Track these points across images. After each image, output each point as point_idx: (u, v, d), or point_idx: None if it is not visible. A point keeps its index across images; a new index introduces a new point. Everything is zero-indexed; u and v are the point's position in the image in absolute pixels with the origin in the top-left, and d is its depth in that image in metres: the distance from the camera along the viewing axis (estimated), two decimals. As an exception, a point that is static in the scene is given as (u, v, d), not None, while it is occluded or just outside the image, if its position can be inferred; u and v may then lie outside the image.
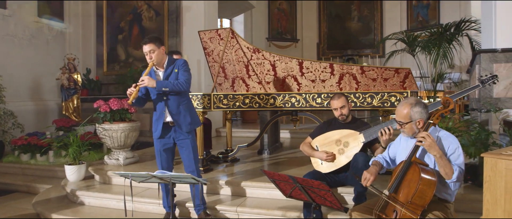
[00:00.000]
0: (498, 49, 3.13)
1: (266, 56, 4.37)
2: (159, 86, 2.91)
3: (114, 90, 7.42)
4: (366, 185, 2.36)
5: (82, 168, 4.35)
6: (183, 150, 3.13)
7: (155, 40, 2.99)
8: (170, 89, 2.95)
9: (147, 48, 2.97)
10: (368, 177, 2.36)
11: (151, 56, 2.98)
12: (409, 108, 2.28)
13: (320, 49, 14.07)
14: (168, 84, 2.94)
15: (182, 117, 3.06)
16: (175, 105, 3.05)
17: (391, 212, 2.23)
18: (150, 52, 2.97)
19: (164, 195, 3.25)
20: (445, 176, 2.15)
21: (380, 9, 13.37)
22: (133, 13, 7.52)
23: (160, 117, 3.09)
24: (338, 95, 3.16)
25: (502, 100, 3.17)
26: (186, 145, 3.11)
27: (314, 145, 3.24)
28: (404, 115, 2.30)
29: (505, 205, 1.81)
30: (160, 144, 3.16)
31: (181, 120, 3.06)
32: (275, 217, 3.23)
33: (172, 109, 3.04)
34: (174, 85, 2.95)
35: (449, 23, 7.17)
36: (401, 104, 2.34)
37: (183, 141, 3.11)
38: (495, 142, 3.18)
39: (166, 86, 2.92)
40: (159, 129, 3.09)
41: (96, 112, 4.43)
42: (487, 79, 2.75)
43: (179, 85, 2.95)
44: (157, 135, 3.12)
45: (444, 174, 2.15)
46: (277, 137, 5.78)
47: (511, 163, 1.79)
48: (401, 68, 3.88)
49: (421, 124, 2.28)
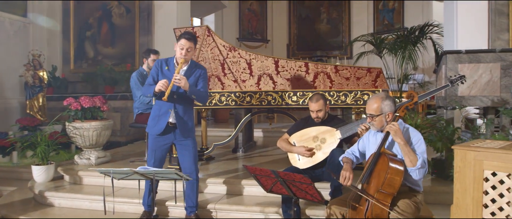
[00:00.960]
0: (462, 50, 3.34)
1: (242, 54, 4.40)
2: (191, 92, 2.86)
3: (82, 88, 7.16)
4: (347, 184, 2.43)
5: (50, 168, 4.18)
6: (184, 152, 3.06)
7: (195, 40, 2.96)
8: (196, 98, 2.95)
9: (187, 45, 2.87)
10: (348, 175, 2.42)
11: (187, 53, 2.89)
12: (380, 102, 2.43)
13: (290, 50, 14.26)
14: (197, 92, 2.91)
15: (185, 120, 3.02)
16: (183, 109, 3.00)
17: (364, 202, 2.34)
18: (188, 49, 2.88)
19: (146, 193, 3.17)
20: (410, 164, 2.28)
21: (348, 12, 13.75)
22: (103, 9, 7.30)
23: (164, 114, 2.99)
24: (317, 98, 3.21)
25: (466, 98, 3.39)
26: (187, 147, 3.05)
27: (291, 141, 3.31)
28: (375, 108, 2.43)
29: (473, 193, 1.95)
30: (158, 143, 3.06)
31: (183, 124, 3.01)
32: (254, 213, 3.26)
33: (178, 110, 2.99)
34: (201, 96, 2.95)
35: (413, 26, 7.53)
36: (372, 99, 2.49)
37: (184, 142, 3.05)
38: (459, 137, 3.39)
39: (195, 94, 2.90)
40: (162, 126, 2.98)
41: (66, 110, 4.27)
42: (456, 79, 2.94)
43: (203, 98, 2.97)
44: (157, 131, 3.01)
45: (409, 161, 2.28)
46: (251, 136, 5.82)
47: (479, 154, 1.93)
48: (373, 68, 4.04)
49: (390, 117, 2.44)
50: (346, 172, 2.44)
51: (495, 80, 3.30)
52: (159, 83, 2.80)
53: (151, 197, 2.87)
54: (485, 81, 3.32)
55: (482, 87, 3.32)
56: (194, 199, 3.09)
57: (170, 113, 2.98)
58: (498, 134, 3.24)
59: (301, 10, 14.27)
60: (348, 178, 2.41)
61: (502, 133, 3.25)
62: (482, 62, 3.32)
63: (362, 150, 2.66)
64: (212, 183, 3.67)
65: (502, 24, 5.39)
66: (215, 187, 3.66)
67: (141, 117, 4.34)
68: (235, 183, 3.62)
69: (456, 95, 3.37)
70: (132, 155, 5.12)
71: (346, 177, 2.41)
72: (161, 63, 3.03)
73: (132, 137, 6.51)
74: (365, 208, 2.30)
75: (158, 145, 3.07)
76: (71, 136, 4.29)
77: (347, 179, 2.41)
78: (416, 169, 2.27)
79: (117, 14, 7.22)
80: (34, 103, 6.25)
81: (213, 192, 3.66)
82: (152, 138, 3.09)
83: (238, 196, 3.57)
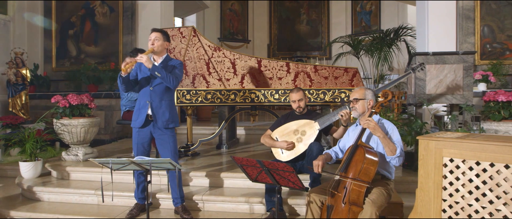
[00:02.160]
0: (429, 52, 3.66)
1: (227, 54, 4.60)
2: (153, 69, 2.97)
3: (65, 87, 7.17)
4: (318, 171, 2.70)
5: (38, 164, 4.26)
6: (161, 146, 3.19)
7: (163, 32, 3.18)
8: (162, 77, 3.01)
9: (153, 36, 3.13)
10: (317, 163, 2.70)
11: (154, 42, 3.10)
12: (364, 90, 2.78)
13: (270, 50, 14.50)
14: (162, 71, 3.00)
15: (161, 112, 3.14)
16: (158, 100, 3.14)
17: (342, 189, 2.59)
18: (155, 39, 3.11)
19: (136, 187, 3.32)
20: (390, 153, 2.55)
21: (327, 13, 14.12)
22: (86, 8, 7.32)
23: (143, 107, 3.15)
24: (297, 90, 3.50)
25: (433, 96, 3.71)
26: (165, 141, 3.17)
27: (274, 136, 3.54)
28: (360, 93, 2.76)
29: (434, 177, 2.22)
30: (139, 136, 3.21)
31: (160, 114, 3.13)
32: (239, 204, 3.47)
33: (154, 102, 3.13)
34: (167, 76, 3.02)
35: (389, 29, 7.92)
36: (357, 88, 2.85)
37: (161, 137, 3.17)
38: (427, 131, 3.71)
39: (159, 72, 2.98)
40: (141, 119, 3.14)
41: (54, 107, 4.36)
42: (417, 66, 3.35)
43: (171, 79, 3.03)
44: (138, 124, 3.17)
45: (389, 151, 2.55)
46: (234, 133, 6.02)
47: (439, 143, 2.21)
48: (349, 68, 4.32)
49: (371, 104, 2.74)
50: (317, 161, 2.72)
51: (459, 80, 3.63)
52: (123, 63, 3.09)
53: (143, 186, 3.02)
54: (449, 80, 3.65)
55: (447, 86, 3.65)
56: (177, 191, 3.24)
57: (148, 105, 3.13)
58: (461, 128, 3.58)
59: (282, 11, 14.53)
60: (319, 166, 2.68)
61: (465, 128, 3.58)
62: (447, 63, 3.65)
63: (342, 146, 2.93)
64: (198, 176, 3.84)
65: (468, 28, 5.81)
66: (200, 180, 3.84)
67: (129, 114, 4.47)
68: (220, 176, 3.81)
69: (424, 93, 3.69)
70: (117, 151, 5.23)
71: (317, 165, 2.69)
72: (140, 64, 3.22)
73: (116, 135, 6.59)
74: (343, 194, 2.54)
75: (140, 138, 3.22)
76: (59, 133, 4.38)
77: (318, 166, 2.68)
78: (396, 157, 2.54)
79: (101, 13, 7.26)
80: (16, 102, 6.24)
81: (199, 185, 3.83)
82: (135, 131, 3.24)
83: (223, 188, 3.76)
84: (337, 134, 3.36)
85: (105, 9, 7.24)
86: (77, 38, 7.39)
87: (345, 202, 2.53)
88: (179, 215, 3.24)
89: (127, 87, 3.18)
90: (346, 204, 2.51)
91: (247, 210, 3.45)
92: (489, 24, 5.83)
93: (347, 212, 2.49)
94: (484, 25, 5.84)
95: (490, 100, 3.67)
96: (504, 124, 3.51)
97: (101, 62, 7.10)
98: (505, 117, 3.57)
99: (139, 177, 3.28)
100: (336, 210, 2.56)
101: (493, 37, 5.85)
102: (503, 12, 5.81)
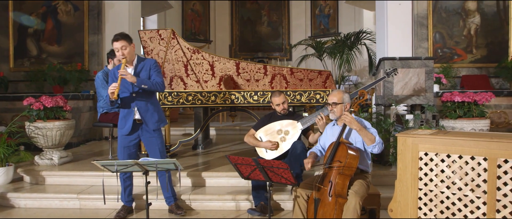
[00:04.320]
0: (396, 57, 4.04)
1: (206, 56, 4.71)
2: (139, 83, 2.97)
3: (26, 88, 6.82)
4: (308, 168, 2.95)
5: (10, 170, 4.10)
6: (150, 148, 3.23)
7: (126, 37, 3.03)
8: (149, 88, 3.03)
9: (119, 45, 2.99)
10: (307, 161, 2.98)
11: (123, 52, 3.00)
12: (342, 94, 3.03)
13: (232, 51, 14.63)
14: (147, 82, 3.02)
15: (150, 114, 3.17)
16: (144, 103, 3.15)
17: (327, 183, 2.84)
18: (122, 48, 3.00)
19: (122, 190, 3.33)
20: (369, 142, 2.83)
21: (287, 16, 14.52)
22: (47, 6, 7.02)
23: (128, 114, 3.16)
24: (279, 93, 3.70)
25: (400, 97, 4.10)
26: (153, 143, 3.22)
27: (257, 136, 3.72)
28: (339, 97, 3.01)
29: (411, 169, 2.53)
30: (126, 140, 3.22)
31: (148, 117, 3.16)
32: (226, 201, 3.61)
33: (140, 107, 3.14)
34: (153, 84, 3.04)
35: (350, 33, 8.42)
36: (335, 91, 3.09)
37: (150, 139, 3.22)
38: (395, 129, 4.09)
39: (146, 84, 3.00)
40: (129, 125, 3.15)
41: (26, 110, 4.21)
42: (390, 71, 3.70)
43: (158, 86, 3.06)
44: (125, 132, 3.18)
45: (368, 140, 2.84)
46: (208, 133, 6.13)
47: (415, 139, 2.52)
48: (323, 71, 4.61)
49: (348, 107, 3.02)
50: (307, 159, 3.00)
51: (421, 82, 4.05)
52: (109, 88, 2.95)
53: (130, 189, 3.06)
54: (413, 83, 4.06)
55: (412, 88, 4.06)
56: (170, 190, 3.33)
57: (134, 111, 3.14)
58: (424, 126, 3.99)
59: (243, 12, 14.72)
60: (309, 163, 2.96)
61: (427, 125, 4.00)
62: (412, 67, 4.06)
63: (322, 144, 3.17)
64: (183, 177, 3.93)
65: (422, 34, 6.38)
66: (183, 180, 3.91)
67: (106, 116, 4.43)
68: (202, 176, 3.92)
69: (392, 94, 4.07)
70: (92, 154, 5.14)
71: (307, 162, 2.97)
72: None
73: (83, 137, 6.41)
74: (329, 187, 2.79)
75: (126, 141, 3.24)
76: (32, 136, 4.24)
77: (308, 164, 2.96)
78: (376, 144, 2.82)
79: (64, 11, 7.00)
80: (-27, 104, 5.86)
81: (183, 184, 3.92)
82: (121, 137, 3.24)
83: (207, 187, 3.88)
84: (312, 138, 3.62)
85: (69, 8, 6.99)
86: (38, 36, 7.06)
87: (331, 195, 2.78)
88: (173, 213, 3.32)
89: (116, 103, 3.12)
90: (333, 196, 2.77)
91: (234, 207, 3.60)
92: (440, 31, 6.45)
93: (334, 203, 2.74)
94: (436, 32, 6.44)
95: (447, 101, 4.13)
96: (459, 122, 3.98)
97: (65, 63, 6.85)
98: (460, 115, 4.05)
99: (125, 181, 3.30)
100: (323, 202, 2.81)
101: (444, 43, 6.47)
102: (451, 20, 6.45)
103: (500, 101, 5.64)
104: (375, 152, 2.91)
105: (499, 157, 2.16)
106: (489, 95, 4.10)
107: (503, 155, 2.15)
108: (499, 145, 2.17)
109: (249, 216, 3.37)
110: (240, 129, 7.30)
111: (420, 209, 2.48)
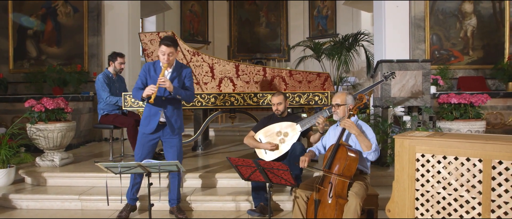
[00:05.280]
0: (394, 60, 4.10)
1: (205, 59, 4.75)
2: (175, 92, 3.06)
3: (25, 89, 6.85)
4: (304, 166, 3.00)
5: (11, 171, 4.14)
6: (170, 149, 3.30)
7: (175, 43, 3.09)
8: (182, 98, 3.15)
9: (168, 50, 3.04)
10: (303, 159, 3.03)
11: (169, 58, 3.06)
12: (345, 96, 3.09)
13: (230, 51, 14.67)
14: (181, 93, 3.12)
15: (174, 120, 3.26)
16: (171, 109, 3.24)
17: (328, 184, 2.89)
18: (169, 54, 3.05)
19: (130, 186, 3.37)
20: (366, 148, 2.89)
21: (285, 17, 14.57)
22: (46, 7, 7.04)
23: (154, 115, 3.22)
24: (278, 94, 3.76)
25: (397, 99, 4.16)
26: (174, 144, 3.30)
27: (257, 137, 3.77)
28: (342, 99, 3.07)
29: (409, 170, 2.58)
30: (147, 138, 3.28)
31: (173, 122, 3.26)
32: (226, 202, 3.66)
33: (168, 111, 3.22)
34: (187, 96, 3.16)
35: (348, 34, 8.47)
36: (339, 92, 3.14)
37: (171, 140, 3.29)
38: (392, 130, 4.15)
39: (180, 95, 3.11)
40: (153, 125, 3.22)
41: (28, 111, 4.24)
42: (388, 75, 3.75)
43: (190, 97, 3.19)
44: (149, 131, 3.24)
45: (365, 146, 2.89)
46: (207, 135, 6.17)
47: (412, 141, 2.57)
48: (322, 73, 4.67)
49: (351, 108, 3.04)
50: (303, 157, 3.05)
51: (418, 85, 4.11)
52: (147, 89, 3.03)
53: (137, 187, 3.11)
54: (411, 85, 4.12)
55: (409, 90, 4.12)
56: (177, 192, 3.38)
57: (160, 113, 3.23)
58: (421, 127, 4.05)
59: (241, 13, 14.76)
60: (305, 161, 3.00)
61: (424, 127, 4.06)
62: (409, 69, 4.12)
63: (324, 143, 3.23)
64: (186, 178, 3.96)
65: (420, 36, 6.45)
66: (188, 181, 3.96)
67: (107, 118, 4.47)
68: (207, 177, 3.97)
69: (389, 96, 4.13)
70: (91, 155, 5.17)
71: (303, 160, 3.01)
72: (149, 67, 3.24)
73: (83, 138, 6.44)
74: (329, 189, 2.84)
75: (146, 140, 3.30)
76: (33, 138, 4.27)
77: (303, 162, 3.00)
78: (372, 151, 2.87)
79: (63, 13, 7.03)
80: (-27, 105, 5.88)
81: (185, 185, 3.96)
82: (143, 135, 3.31)
83: (208, 188, 3.93)
84: (313, 138, 3.66)
85: (68, 9, 7.02)
86: (38, 38, 7.08)
87: (331, 196, 2.83)
88: (174, 215, 3.37)
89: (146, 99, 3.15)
90: (333, 197, 2.82)
91: (234, 207, 3.65)
92: (437, 33, 6.52)
93: (334, 204, 2.79)
94: (433, 33, 6.51)
95: (444, 102, 4.19)
96: (456, 123, 4.04)
97: (64, 64, 6.87)
98: (456, 116, 4.11)
99: (136, 178, 3.35)
100: (323, 203, 2.86)
101: (441, 45, 6.54)
102: (448, 22, 6.52)
103: (496, 103, 5.72)
104: (370, 159, 2.96)
105: (493, 158, 2.22)
106: (484, 97, 4.16)
107: (498, 156, 2.21)
108: (494, 147, 2.23)
109: (249, 217, 3.41)
110: (239, 130, 7.35)
111: (417, 209, 2.54)
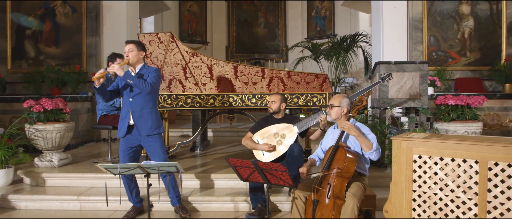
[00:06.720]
0: (392, 61, 4.13)
1: (204, 60, 4.77)
2: (125, 76, 3.07)
3: (23, 90, 6.84)
4: (304, 177, 3.06)
5: (10, 171, 4.14)
6: (150, 151, 3.29)
7: (137, 43, 3.24)
8: (134, 84, 3.10)
9: (127, 48, 3.20)
10: (302, 170, 3.08)
11: (128, 54, 3.18)
12: (341, 98, 3.10)
13: (229, 52, 14.67)
14: (133, 78, 3.09)
15: (143, 120, 3.21)
16: (139, 109, 3.21)
17: (326, 185, 2.91)
18: (129, 51, 3.19)
19: (127, 191, 3.38)
20: (366, 149, 2.91)
21: (284, 17, 14.59)
22: (45, 7, 7.04)
23: (125, 117, 3.24)
24: (276, 93, 3.79)
25: (395, 100, 4.18)
26: (152, 146, 3.27)
27: (254, 139, 3.78)
28: (337, 100, 3.09)
29: (406, 171, 2.61)
30: (125, 144, 3.28)
31: (142, 123, 3.21)
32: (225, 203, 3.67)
33: (135, 111, 3.20)
34: (139, 82, 3.09)
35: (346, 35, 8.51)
36: (338, 95, 3.15)
37: (148, 143, 3.27)
38: (390, 132, 4.17)
39: (131, 79, 3.08)
40: (124, 128, 3.23)
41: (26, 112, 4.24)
42: (385, 76, 3.78)
43: (143, 84, 3.10)
44: (121, 134, 3.25)
45: (365, 147, 2.91)
46: (205, 135, 6.18)
47: (409, 143, 2.59)
48: (320, 74, 4.69)
49: (345, 111, 3.07)
50: (302, 169, 3.09)
51: (416, 86, 4.14)
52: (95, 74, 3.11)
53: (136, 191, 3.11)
54: (408, 86, 4.15)
55: (407, 92, 4.15)
56: (173, 191, 3.39)
57: (129, 115, 3.23)
58: (418, 128, 4.08)
59: (240, 14, 14.77)
60: (304, 172, 3.06)
61: (421, 128, 4.09)
62: (407, 71, 4.14)
63: (324, 147, 3.24)
64: (185, 178, 3.98)
65: (417, 38, 6.48)
66: (184, 181, 3.98)
67: (106, 118, 4.48)
68: (206, 177, 3.99)
69: (387, 98, 4.15)
70: (90, 156, 5.17)
71: (303, 172, 3.07)
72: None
73: (81, 139, 6.45)
74: (327, 189, 2.86)
75: (126, 147, 3.29)
76: (31, 139, 4.27)
77: (303, 174, 3.06)
78: (373, 151, 2.90)
79: (62, 13, 7.03)
80: (-29, 106, 5.88)
81: (184, 186, 3.97)
82: (121, 139, 3.33)
83: (209, 189, 3.94)
84: (314, 136, 3.67)
85: (67, 9, 7.02)
86: (36, 38, 7.08)
87: (330, 197, 2.85)
88: (178, 214, 3.39)
89: (104, 97, 3.24)
90: (331, 198, 2.84)
91: (232, 208, 3.67)
92: (434, 34, 6.55)
93: (332, 205, 2.81)
94: (430, 35, 6.54)
95: (441, 104, 4.22)
96: (453, 124, 4.07)
97: (63, 64, 6.87)
98: (453, 118, 4.14)
99: (129, 184, 3.36)
100: (321, 204, 2.87)
101: (438, 46, 6.58)
102: (446, 24, 6.56)
103: (493, 104, 5.76)
104: (373, 159, 2.98)
105: (489, 159, 2.25)
106: (481, 98, 4.19)
107: (494, 158, 2.23)
108: (490, 149, 2.25)
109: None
110: (238, 130, 7.36)
111: (414, 210, 2.56)
